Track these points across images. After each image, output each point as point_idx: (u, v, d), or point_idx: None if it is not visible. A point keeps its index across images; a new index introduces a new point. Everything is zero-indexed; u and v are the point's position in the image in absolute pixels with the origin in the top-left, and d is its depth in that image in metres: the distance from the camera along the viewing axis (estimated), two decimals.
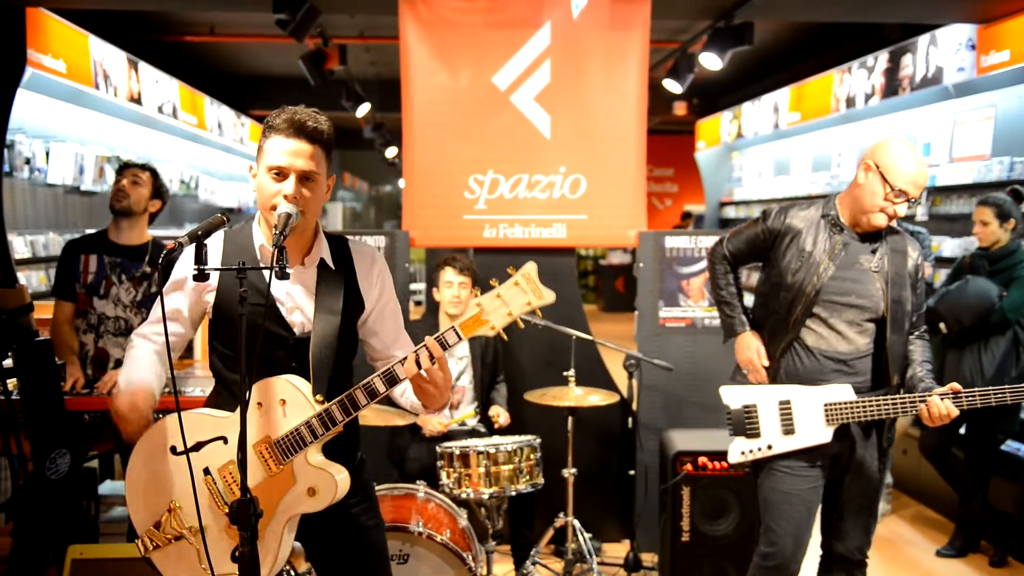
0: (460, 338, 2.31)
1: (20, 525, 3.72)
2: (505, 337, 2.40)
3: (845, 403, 3.28)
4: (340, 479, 2.40)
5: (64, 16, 6.30)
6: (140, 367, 2.51)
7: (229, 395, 2.50)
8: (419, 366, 2.31)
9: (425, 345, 2.31)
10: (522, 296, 2.31)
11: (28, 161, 6.70)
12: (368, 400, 2.35)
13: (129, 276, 4.26)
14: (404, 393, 2.57)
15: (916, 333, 3.40)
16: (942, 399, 3.13)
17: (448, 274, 4.57)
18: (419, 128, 5.33)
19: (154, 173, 4.37)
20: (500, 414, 4.67)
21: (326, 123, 2.41)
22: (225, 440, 2.40)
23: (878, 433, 3.39)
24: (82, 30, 6.61)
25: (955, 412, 3.12)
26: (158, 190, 4.37)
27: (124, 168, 4.36)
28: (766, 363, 3.43)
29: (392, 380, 2.34)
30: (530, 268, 2.33)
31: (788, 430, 3.36)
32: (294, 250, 2.47)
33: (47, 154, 6.98)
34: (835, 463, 3.40)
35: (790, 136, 10.34)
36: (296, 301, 2.47)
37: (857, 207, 3.30)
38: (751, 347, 3.46)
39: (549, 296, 2.33)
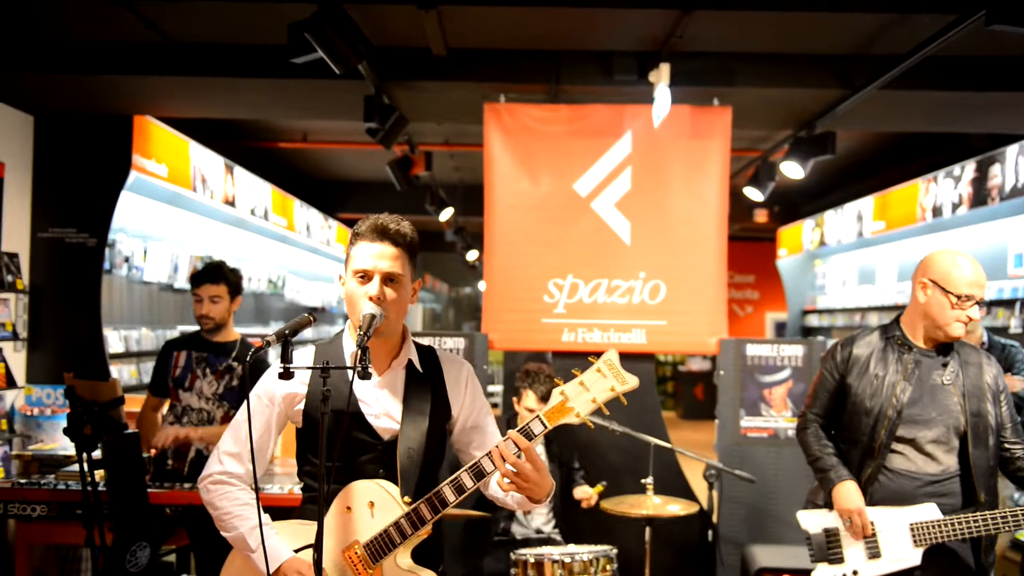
0: (545, 427, 2.28)
1: None
2: (591, 425, 2.36)
3: (932, 522, 3.14)
4: None
5: (167, 123, 6.65)
6: (270, 538, 2.40)
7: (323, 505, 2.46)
8: (504, 460, 2.26)
9: (508, 437, 2.29)
10: (605, 382, 2.27)
11: (127, 259, 7.00)
12: (456, 496, 2.32)
13: (212, 370, 4.37)
14: (509, 493, 2.45)
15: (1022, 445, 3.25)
16: None
17: (529, 399, 4.48)
18: (500, 232, 5.42)
19: (227, 278, 4.40)
20: (590, 494, 4.51)
21: (409, 227, 2.45)
22: (312, 547, 2.37)
23: (975, 556, 3.22)
24: (184, 136, 6.96)
25: None
26: (235, 287, 4.45)
27: (198, 283, 4.38)
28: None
29: (479, 474, 2.31)
30: (612, 355, 2.29)
31: (874, 554, 3.22)
32: (382, 353, 2.48)
33: (145, 253, 7.29)
34: None
35: (874, 245, 10.20)
36: (384, 406, 2.46)
37: (929, 323, 3.23)
38: (855, 501, 3.25)
39: (632, 381, 2.27)
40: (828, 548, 3.30)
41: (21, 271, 5.56)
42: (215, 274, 4.38)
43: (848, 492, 3.25)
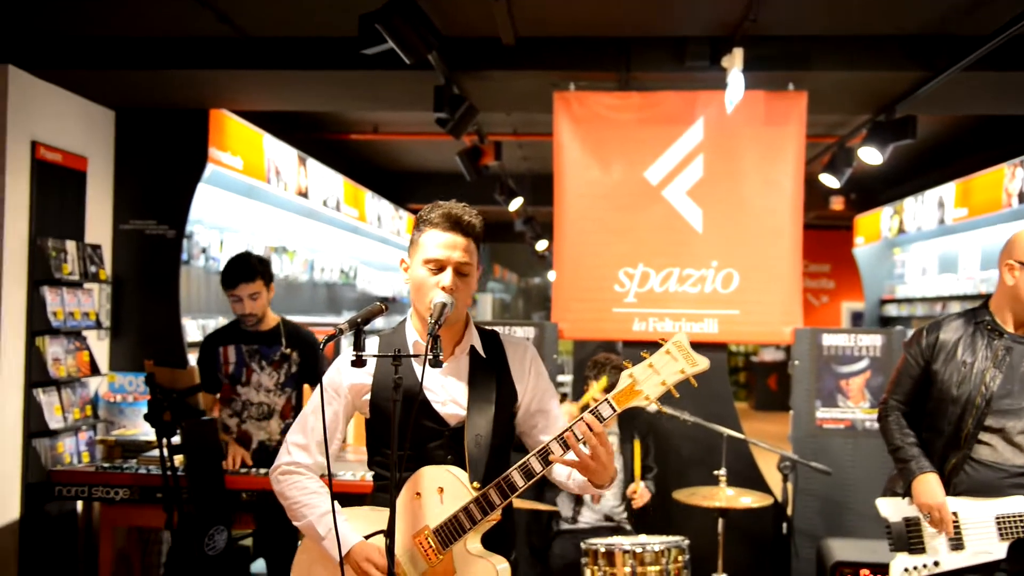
0: (614, 410, 2.27)
1: None
2: (663, 410, 2.33)
3: (1020, 515, 3.03)
4: (501, 568, 2.36)
5: (242, 116, 6.77)
6: (340, 525, 2.38)
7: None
8: (578, 440, 2.26)
9: (582, 419, 2.27)
10: (675, 364, 2.24)
11: (204, 250, 7.16)
12: (525, 481, 2.31)
13: (268, 361, 4.42)
14: (571, 476, 2.50)
15: None
16: None
17: (594, 390, 4.46)
18: (571, 221, 5.39)
19: (259, 271, 4.37)
20: (638, 487, 4.45)
21: (478, 217, 2.46)
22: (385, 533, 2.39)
23: None
24: (258, 129, 7.08)
25: None
26: (269, 277, 4.42)
27: (233, 284, 4.35)
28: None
29: (547, 459, 2.30)
30: (681, 337, 2.27)
31: (956, 545, 3.13)
32: (445, 340, 2.50)
33: (221, 244, 7.44)
34: None
35: (957, 232, 9.89)
36: (450, 392, 2.48)
37: (1020, 308, 3.10)
38: (936, 495, 3.15)
39: (703, 363, 2.25)
40: (909, 537, 3.21)
41: (104, 262, 5.72)
42: (249, 272, 4.35)
43: (929, 485, 3.15)
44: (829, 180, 7.61)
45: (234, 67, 5.44)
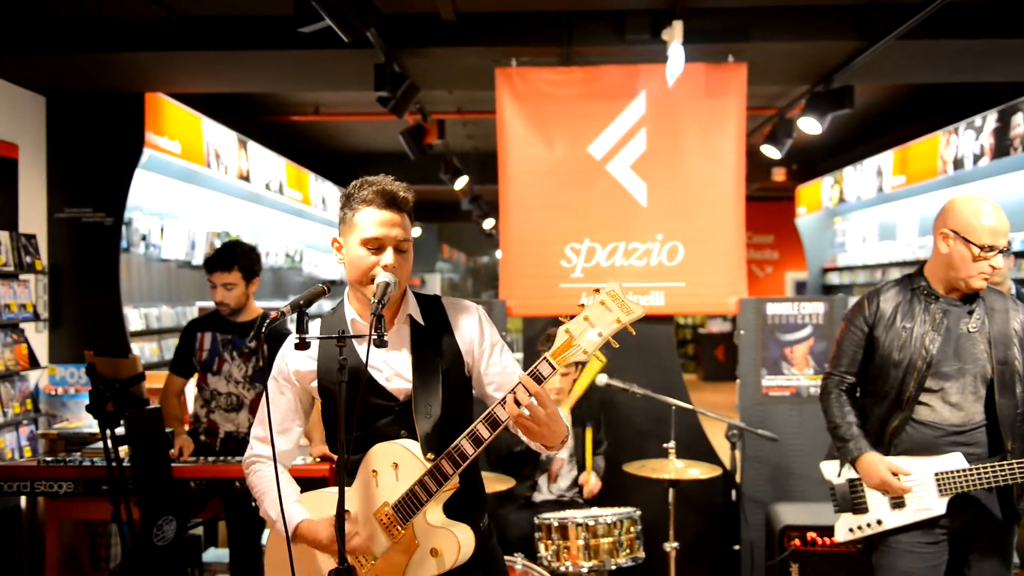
0: (553, 368, 2.24)
1: None
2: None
3: (957, 471, 3.12)
4: (463, 537, 2.36)
5: (179, 100, 6.63)
6: (288, 506, 2.39)
7: (347, 473, 2.46)
8: (519, 404, 2.23)
9: (520, 383, 2.26)
10: (609, 314, 2.22)
11: (144, 238, 7.02)
12: (475, 448, 2.30)
13: (239, 352, 4.35)
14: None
15: None
16: None
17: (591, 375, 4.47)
18: (516, 198, 5.38)
19: (239, 263, 4.32)
20: (589, 479, 4.49)
21: (410, 191, 2.43)
22: (348, 513, 2.38)
23: (1004, 507, 3.19)
24: (196, 112, 6.94)
25: None
26: (250, 271, 4.37)
27: (210, 270, 4.31)
28: (908, 479, 3.18)
29: (494, 424, 2.29)
30: (614, 286, 2.25)
31: (898, 504, 3.20)
32: (385, 314, 2.47)
33: (162, 231, 7.30)
34: (957, 540, 3.20)
35: (895, 200, 10.09)
36: (394, 367, 2.45)
37: (952, 275, 3.17)
38: (880, 466, 3.18)
39: (638, 310, 2.22)
40: (852, 498, 3.28)
41: (40, 252, 5.58)
42: (226, 261, 4.29)
43: (873, 466, 3.19)
44: (770, 151, 7.70)
45: (168, 49, 5.32)
